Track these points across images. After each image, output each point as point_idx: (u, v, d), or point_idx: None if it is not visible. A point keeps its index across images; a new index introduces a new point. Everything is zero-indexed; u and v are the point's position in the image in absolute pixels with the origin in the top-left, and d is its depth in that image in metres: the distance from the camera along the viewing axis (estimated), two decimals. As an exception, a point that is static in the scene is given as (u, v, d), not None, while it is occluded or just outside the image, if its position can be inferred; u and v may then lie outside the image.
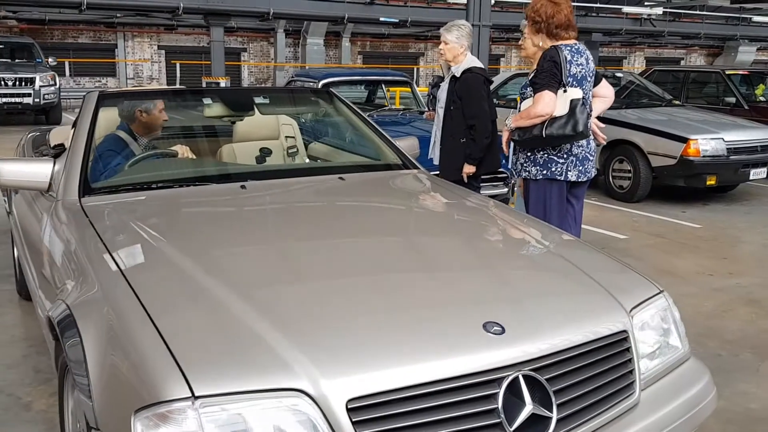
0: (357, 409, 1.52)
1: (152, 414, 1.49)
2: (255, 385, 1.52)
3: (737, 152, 7.03)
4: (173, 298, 1.87)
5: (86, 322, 1.83)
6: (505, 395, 1.62)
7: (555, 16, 3.42)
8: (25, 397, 2.98)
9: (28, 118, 14.41)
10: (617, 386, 1.84)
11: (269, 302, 1.82)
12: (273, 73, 24.24)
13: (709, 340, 3.69)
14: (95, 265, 2.10)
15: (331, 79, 7.45)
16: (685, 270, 4.96)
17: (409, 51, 26.62)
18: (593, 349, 1.82)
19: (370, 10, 19.22)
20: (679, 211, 6.93)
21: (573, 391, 1.73)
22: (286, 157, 3.64)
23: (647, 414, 1.86)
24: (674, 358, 2.07)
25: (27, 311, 3.95)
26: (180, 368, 1.53)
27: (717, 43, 28.74)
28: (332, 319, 1.76)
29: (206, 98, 3.77)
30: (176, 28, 22.57)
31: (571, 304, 2.00)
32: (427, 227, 2.72)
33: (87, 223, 2.43)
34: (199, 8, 16.38)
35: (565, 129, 3.36)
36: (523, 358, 1.68)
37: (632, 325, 1.94)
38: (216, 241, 2.31)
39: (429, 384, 1.58)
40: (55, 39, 21.59)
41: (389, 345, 1.66)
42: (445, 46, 4.33)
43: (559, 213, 3.60)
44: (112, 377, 1.66)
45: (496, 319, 1.76)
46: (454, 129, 4.33)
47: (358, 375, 1.56)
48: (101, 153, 3.06)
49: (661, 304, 2.11)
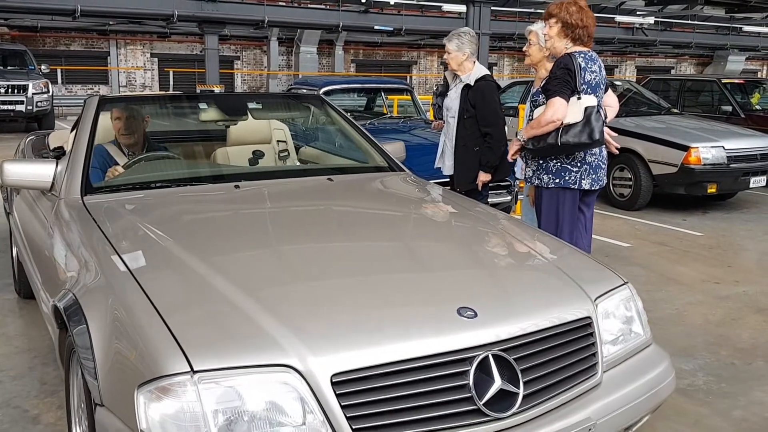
0: (341, 383, 1.67)
1: (154, 388, 1.63)
2: (248, 361, 1.67)
3: (737, 160, 7.05)
4: (173, 284, 2.03)
5: (92, 310, 1.97)
6: (476, 373, 1.78)
7: (588, 25, 3.39)
8: (32, 410, 2.92)
9: (20, 125, 14.30)
10: (581, 367, 2.00)
11: (261, 288, 1.98)
12: (266, 81, 24.21)
13: (722, 349, 3.67)
14: (98, 257, 2.25)
15: (331, 87, 7.42)
16: (690, 278, 4.95)
17: (402, 59, 26.66)
18: (559, 333, 1.98)
19: (364, 18, 19.25)
20: (680, 219, 6.94)
21: (539, 370, 1.89)
22: (278, 160, 3.80)
23: (608, 393, 2.02)
24: (636, 344, 2.23)
25: (30, 321, 3.88)
26: (179, 346, 1.68)
27: (707, 53, 28.99)
28: (319, 303, 1.92)
29: (202, 103, 3.95)
30: (169, 36, 22.50)
31: (540, 292, 2.17)
32: (408, 223, 2.90)
33: (89, 218, 2.59)
34: (194, 16, 16.33)
35: (581, 137, 3.33)
36: (493, 339, 1.84)
37: (596, 312, 2.10)
38: (211, 233, 2.51)
39: (406, 361, 1.73)
40: (47, 46, 21.47)
41: (371, 326, 1.82)
42: (449, 55, 4.32)
43: (571, 221, 3.58)
44: (116, 357, 1.80)
45: (470, 304, 1.92)
46: (467, 138, 4.30)
47: (342, 353, 1.71)
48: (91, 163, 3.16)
49: (624, 295, 2.27)
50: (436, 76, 26.98)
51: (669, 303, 4.41)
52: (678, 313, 4.22)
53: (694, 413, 2.98)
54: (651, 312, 4.20)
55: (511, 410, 1.79)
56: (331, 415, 1.65)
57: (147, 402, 1.63)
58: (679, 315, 4.19)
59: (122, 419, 1.71)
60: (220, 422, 1.62)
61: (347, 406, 1.66)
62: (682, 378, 3.30)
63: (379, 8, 20.00)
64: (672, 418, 2.93)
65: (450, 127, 4.43)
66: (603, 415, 1.95)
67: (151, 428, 1.63)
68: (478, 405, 1.75)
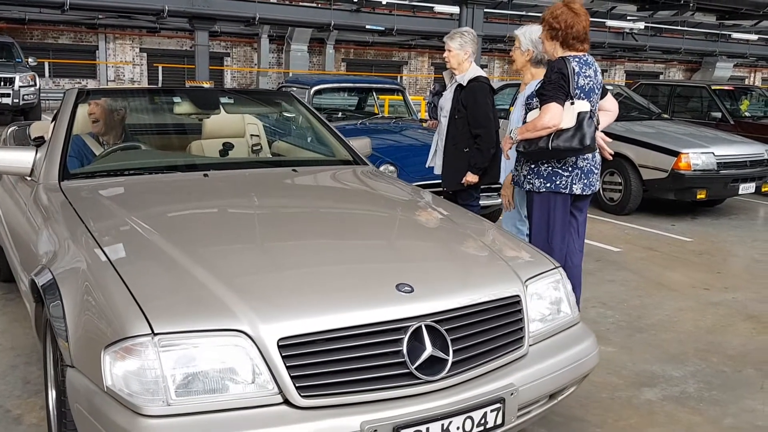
0: (286, 347, 1.88)
1: (119, 348, 1.84)
2: (204, 326, 1.87)
3: (727, 167, 7.07)
4: (139, 259, 2.25)
5: (66, 283, 2.19)
6: (410, 341, 1.99)
7: (574, 27, 3.35)
8: (14, 410, 2.86)
9: (6, 118, 14.08)
10: (508, 339, 2.21)
11: (217, 261, 2.21)
12: (256, 79, 24.08)
13: (712, 356, 3.66)
14: (73, 236, 2.45)
15: (322, 85, 7.36)
16: (680, 284, 4.95)
17: (393, 59, 26.62)
18: (488, 308, 2.20)
19: (356, 18, 19.21)
20: (669, 225, 6.95)
21: (468, 341, 2.10)
22: (251, 153, 3.96)
23: (532, 363, 2.23)
24: (564, 322, 2.45)
25: (12, 318, 3.81)
26: (142, 311, 1.88)
27: (696, 59, 29.18)
28: (269, 275, 2.16)
29: (176, 97, 4.21)
30: (159, 31, 22.31)
31: (474, 271, 2.41)
32: (358, 207, 3.16)
33: (66, 202, 2.79)
34: (185, 11, 16.22)
35: (572, 142, 3.30)
36: (427, 311, 2.05)
37: (525, 292, 2.32)
38: (176, 215, 2.77)
39: (346, 329, 1.94)
40: (35, 39, 21.21)
41: (315, 297, 2.03)
42: (449, 53, 4.27)
43: (563, 226, 3.54)
44: (86, 324, 2.01)
45: (408, 281, 2.13)
46: (457, 138, 4.27)
47: (289, 321, 1.92)
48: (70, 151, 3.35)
49: (554, 277, 2.50)
50: (426, 77, 26.99)
51: (660, 309, 4.40)
52: (669, 319, 4.21)
53: (686, 421, 2.97)
54: (642, 318, 4.21)
55: (440, 374, 2.00)
56: (278, 374, 1.86)
57: (112, 361, 1.84)
58: (670, 321, 4.19)
59: (90, 378, 1.92)
60: (178, 379, 1.82)
61: (292, 367, 1.86)
62: (674, 385, 3.30)
63: (371, 8, 19.96)
64: (665, 426, 2.91)
65: (442, 126, 4.40)
66: (525, 383, 2.16)
67: (116, 384, 1.83)
68: (410, 369, 1.96)
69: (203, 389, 1.83)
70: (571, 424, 2.90)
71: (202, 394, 1.83)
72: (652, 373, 3.43)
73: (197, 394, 1.83)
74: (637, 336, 3.92)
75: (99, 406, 1.86)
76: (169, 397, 1.80)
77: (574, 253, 3.66)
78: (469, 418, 2.01)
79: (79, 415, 1.97)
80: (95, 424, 1.88)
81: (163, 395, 1.80)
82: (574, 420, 2.94)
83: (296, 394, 1.85)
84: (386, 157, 5.57)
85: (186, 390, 1.82)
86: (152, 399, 1.80)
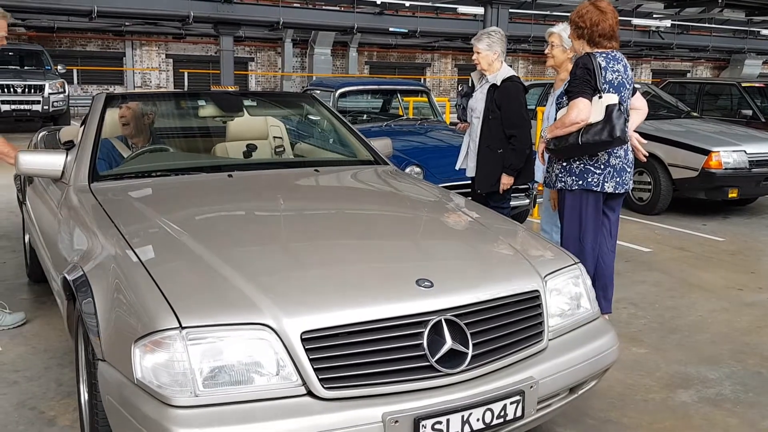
0: (309, 340, 1.93)
1: (148, 341, 1.90)
2: (230, 320, 1.94)
3: (759, 165, 6.92)
4: (167, 256, 2.32)
5: (97, 280, 2.26)
6: (430, 335, 2.03)
7: (599, 24, 3.34)
8: (48, 411, 2.89)
9: (36, 125, 14.34)
10: (527, 334, 2.23)
11: (243, 259, 2.26)
12: (280, 83, 24.22)
13: (749, 357, 3.58)
14: (103, 235, 2.52)
15: (348, 88, 7.35)
16: (713, 284, 4.86)
17: (416, 61, 26.61)
18: (508, 303, 2.22)
19: (379, 20, 19.20)
20: (700, 224, 6.83)
21: (487, 335, 2.13)
22: (274, 155, 4.01)
23: (552, 357, 2.25)
24: (583, 317, 2.47)
25: (45, 321, 3.86)
26: (171, 306, 1.95)
27: (723, 56, 28.72)
28: (292, 273, 2.20)
29: (200, 100, 4.29)
30: (184, 37, 22.57)
31: (493, 267, 2.45)
32: (378, 206, 3.20)
33: (96, 203, 2.87)
34: (210, 17, 16.35)
35: (602, 135, 3.26)
36: (446, 306, 2.09)
37: (545, 287, 2.34)
38: (203, 214, 2.83)
39: (368, 323, 1.99)
40: (63, 47, 21.60)
41: (337, 293, 2.08)
42: (478, 55, 4.25)
43: (595, 225, 3.50)
44: (116, 319, 2.08)
45: (428, 276, 2.18)
46: (491, 139, 4.23)
47: (312, 315, 1.97)
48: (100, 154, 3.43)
49: (574, 273, 2.52)
50: (449, 78, 26.93)
51: (692, 309, 4.33)
52: (702, 320, 4.14)
53: (722, 423, 2.90)
54: (675, 319, 4.14)
55: (460, 367, 2.03)
56: (301, 367, 1.91)
57: (142, 354, 1.90)
58: (703, 322, 4.11)
59: (121, 371, 1.98)
60: (205, 371, 1.88)
61: (315, 359, 1.92)
62: (710, 387, 3.23)
63: (394, 10, 19.95)
64: (701, 429, 2.86)
65: (474, 128, 4.37)
66: (545, 376, 2.18)
67: (145, 376, 1.89)
68: (431, 362, 2.00)
69: (229, 381, 1.89)
70: (606, 427, 2.86)
71: (229, 385, 1.89)
72: (686, 374, 3.37)
73: (224, 385, 1.89)
74: (670, 337, 3.86)
75: (129, 397, 1.92)
76: (196, 388, 1.86)
77: (606, 253, 3.62)
78: (489, 410, 2.04)
79: (110, 406, 2.04)
80: (126, 415, 1.93)
81: (191, 387, 1.86)
82: (608, 422, 2.89)
83: (319, 386, 1.90)
84: (412, 159, 5.54)
85: (213, 381, 1.88)
86: (180, 390, 1.86)
